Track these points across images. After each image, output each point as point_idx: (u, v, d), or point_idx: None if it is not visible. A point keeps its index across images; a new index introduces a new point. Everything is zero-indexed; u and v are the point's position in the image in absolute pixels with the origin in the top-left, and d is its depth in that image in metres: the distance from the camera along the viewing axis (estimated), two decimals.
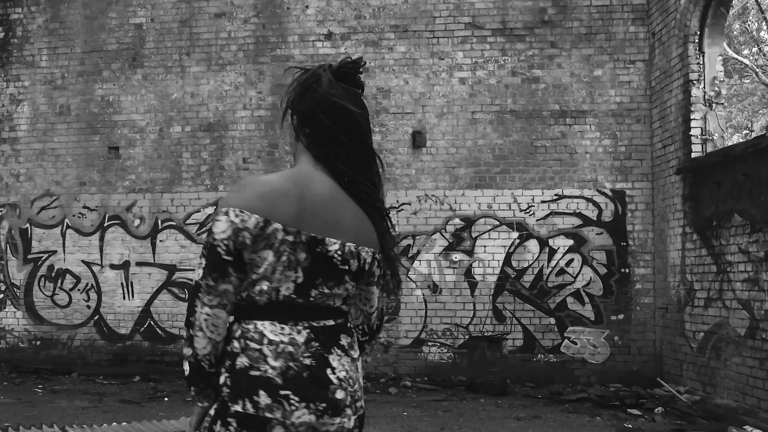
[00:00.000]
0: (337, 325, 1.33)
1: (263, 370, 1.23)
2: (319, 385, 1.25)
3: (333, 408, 1.25)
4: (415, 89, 6.95)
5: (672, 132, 6.39)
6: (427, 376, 6.70)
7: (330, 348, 1.29)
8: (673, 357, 6.29)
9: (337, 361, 1.29)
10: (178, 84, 7.18)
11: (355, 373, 1.32)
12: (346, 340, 1.33)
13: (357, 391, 1.32)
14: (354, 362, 1.33)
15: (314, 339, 1.27)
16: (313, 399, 1.24)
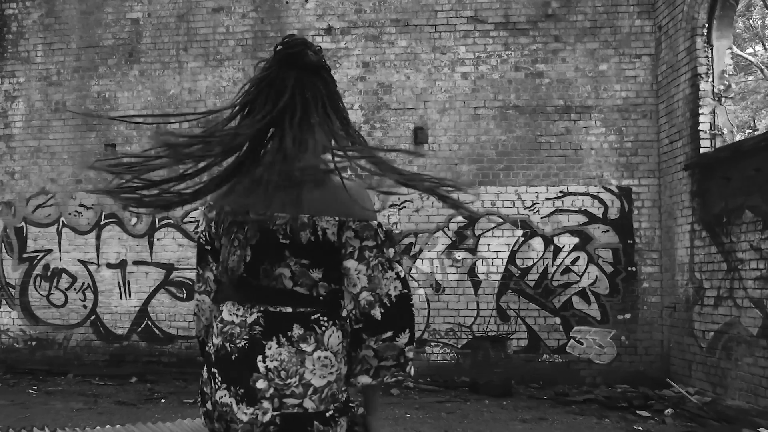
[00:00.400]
0: (294, 314, 1.23)
1: (209, 347, 1.29)
2: (242, 370, 1.20)
3: (249, 396, 1.18)
4: (417, 84, 6.82)
5: (679, 127, 6.25)
6: (430, 377, 6.56)
7: (271, 335, 1.21)
8: (681, 357, 6.15)
9: (274, 348, 1.20)
10: (176, 80, 7.05)
11: (295, 366, 1.19)
12: (299, 332, 1.22)
13: (290, 387, 1.18)
14: (300, 355, 1.20)
15: (260, 323, 1.22)
16: (234, 382, 1.20)
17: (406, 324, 1.23)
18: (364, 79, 6.86)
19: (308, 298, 1.24)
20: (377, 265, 1.23)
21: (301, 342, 1.21)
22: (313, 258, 1.23)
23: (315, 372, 1.20)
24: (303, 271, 1.23)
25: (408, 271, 6.69)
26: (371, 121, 6.82)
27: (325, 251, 1.22)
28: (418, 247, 6.72)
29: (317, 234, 1.21)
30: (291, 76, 1.29)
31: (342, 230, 1.23)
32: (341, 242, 1.23)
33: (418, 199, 6.76)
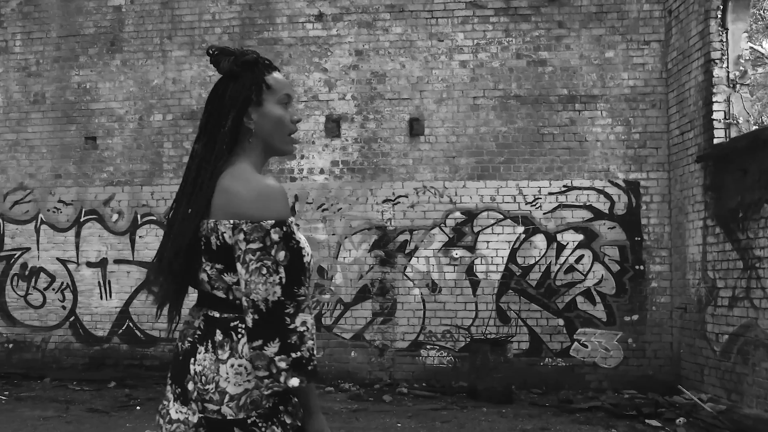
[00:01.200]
0: (219, 319, 1.26)
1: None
2: (180, 370, 1.27)
3: (183, 396, 1.25)
4: (413, 73, 6.46)
5: (691, 117, 5.88)
6: (426, 382, 6.21)
7: (204, 340, 1.26)
8: (692, 361, 5.78)
9: (202, 354, 1.25)
10: (159, 69, 6.72)
11: (212, 373, 1.23)
12: (219, 338, 1.25)
13: (209, 392, 1.22)
14: (217, 363, 1.23)
15: (200, 327, 1.27)
16: (175, 380, 1.28)
17: (277, 333, 1.17)
18: (357, 67, 6.51)
19: (227, 303, 1.26)
20: (258, 268, 1.18)
21: (218, 349, 1.24)
22: (225, 262, 1.23)
23: (229, 380, 1.22)
24: (218, 276, 1.25)
25: (403, 270, 6.35)
26: (364, 112, 6.48)
27: (231, 255, 1.23)
28: (414, 244, 6.37)
29: (219, 239, 1.22)
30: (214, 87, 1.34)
31: (234, 233, 1.21)
32: (233, 245, 1.21)
33: (414, 194, 6.41)
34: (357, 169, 6.46)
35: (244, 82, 1.29)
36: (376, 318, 6.33)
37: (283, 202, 1.22)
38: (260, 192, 1.21)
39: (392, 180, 6.41)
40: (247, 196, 1.20)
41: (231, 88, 1.29)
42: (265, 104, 1.30)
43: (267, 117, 1.31)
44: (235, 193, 1.21)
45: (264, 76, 1.31)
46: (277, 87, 1.32)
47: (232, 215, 1.20)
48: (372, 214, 6.39)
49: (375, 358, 6.32)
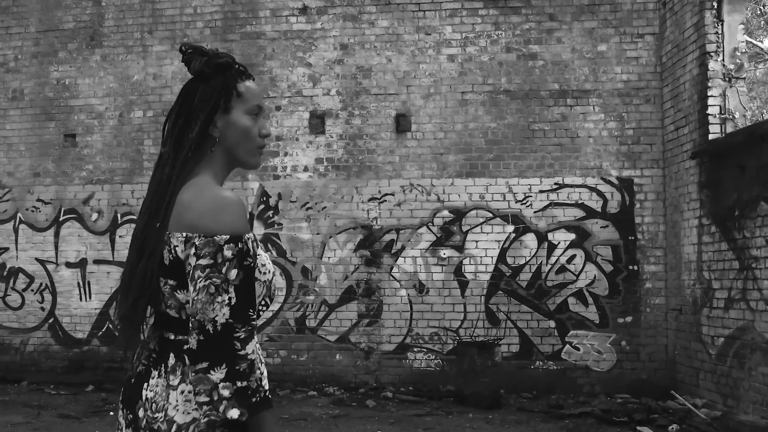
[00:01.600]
0: (173, 341, 1.16)
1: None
2: (131, 395, 1.18)
3: (134, 424, 1.17)
4: (399, 68, 6.28)
5: (686, 112, 5.68)
6: (413, 386, 6.03)
7: (158, 364, 1.17)
8: (687, 365, 5.59)
9: (155, 379, 1.16)
10: (140, 65, 6.55)
11: (162, 401, 1.14)
12: (171, 362, 1.15)
13: (156, 421, 1.13)
14: (168, 389, 1.14)
15: (155, 349, 1.19)
16: (127, 405, 1.19)
17: (225, 358, 1.06)
18: (342, 62, 6.33)
19: (180, 323, 1.16)
20: (206, 286, 1.08)
21: (171, 374, 1.15)
22: (178, 279, 1.13)
23: (178, 408, 1.12)
24: (170, 293, 1.15)
25: (389, 270, 6.16)
26: (349, 108, 6.29)
27: (183, 271, 1.12)
28: (400, 244, 6.19)
29: (171, 252, 1.12)
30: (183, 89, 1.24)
31: (186, 247, 1.11)
32: (184, 260, 1.11)
33: (400, 192, 6.23)
34: (342, 167, 6.28)
35: (214, 85, 1.20)
36: (362, 320, 6.16)
37: (241, 215, 1.12)
38: (215, 204, 1.11)
39: (378, 178, 6.23)
40: (201, 208, 1.11)
41: (200, 91, 1.20)
42: (233, 112, 1.21)
43: (233, 126, 1.21)
44: (189, 205, 1.12)
45: (236, 83, 1.21)
46: (248, 96, 1.23)
47: (185, 227, 1.11)
48: (357, 213, 6.21)
49: (360, 361, 6.14)
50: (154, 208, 1.14)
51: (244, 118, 1.21)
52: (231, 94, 1.20)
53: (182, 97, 1.22)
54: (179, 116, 1.20)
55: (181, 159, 1.16)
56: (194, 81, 1.22)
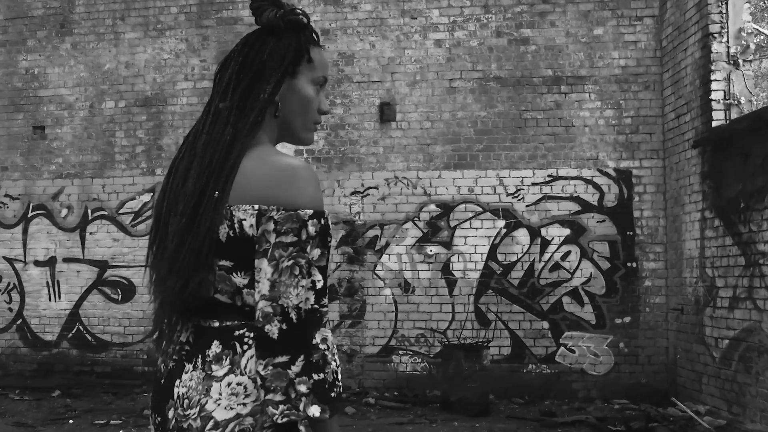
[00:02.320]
0: (219, 328, 1.00)
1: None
2: (161, 395, 1.03)
3: (163, 426, 1.01)
4: (383, 54, 5.94)
5: (687, 98, 5.32)
6: (398, 391, 5.70)
7: (194, 356, 1.00)
8: (689, 368, 5.23)
9: (189, 372, 0.99)
10: (111, 53, 6.23)
11: (198, 395, 0.96)
12: (216, 350, 0.98)
13: (188, 418, 0.95)
14: (208, 380, 0.97)
15: (189, 341, 1.02)
16: (155, 409, 1.04)
17: (303, 349, 0.92)
18: (324, 48, 5.98)
19: (231, 309, 1.00)
20: (290, 267, 0.93)
21: (214, 363, 0.98)
22: (236, 258, 0.97)
23: (219, 402, 0.95)
24: (223, 275, 0.99)
25: (373, 268, 5.83)
26: (331, 96, 5.96)
27: (248, 249, 0.96)
28: (385, 240, 5.85)
29: (234, 228, 0.96)
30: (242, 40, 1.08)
31: (260, 221, 0.95)
32: (259, 236, 0.95)
33: (384, 185, 5.89)
34: (323, 159, 5.95)
35: (288, 43, 1.06)
36: (344, 321, 5.82)
37: (319, 188, 0.99)
38: (292, 172, 0.97)
39: (361, 170, 5.90)
40: (275, 177, 0.96)
41: (272, 46, 1.05)
42: (300, 78, 1.07)
43: (297, 94, 1.07)
44: (258, 172, 0.97)
45: (309, 46, 1.08)
46: (318, 64, 1.10)
47: (254, 199, 0.96)
48: (339, 208, 5.88)
49: (343, 365, 5.81)
50: (211, 172, 0.97)
51: (309, 87, 1.09)
52: (302, 58, 1.07)
53: (247, 48, 1.06)
54: (244, 70, 1.04)
55: (250, 120, 1.01)
56: (262, 34, 1.07)
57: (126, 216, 6.11)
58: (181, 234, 0.98)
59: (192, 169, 1.00)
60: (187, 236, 0.97)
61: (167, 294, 1.00)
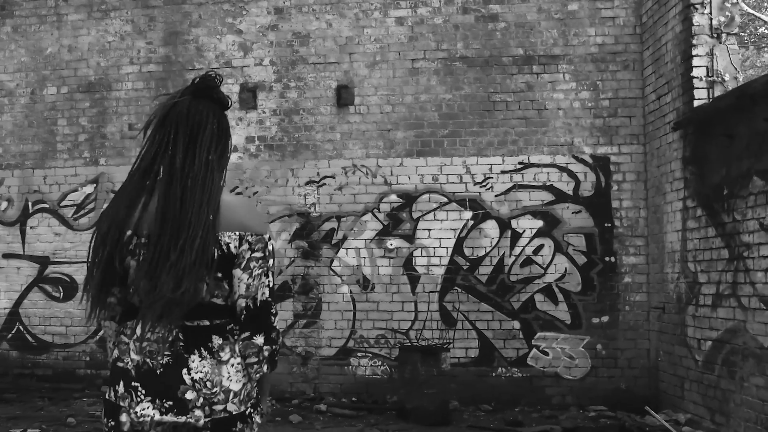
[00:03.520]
0: (212, 326, 1.36)
1: (125, 362, 1.36)
2: (170, 384, 1.31)
3: (179, 407, 1.30)
4: (341, 33, 5.52)
5: (669, 77, 4.86)
6: (357, 396, 5.27)
7: (194, 348, 1.34)
8: (671, 372, 4.76)
9: (197, 362, 1.33)
10: (54, 36, 5.86)
11: (216, 376, 1.33)
12: (218, 343, 1.35)
13: (216, 395, 1.33)
14: (219, 365, 1.34)
15: (180, 338, 1.34)
16: (160, 395, 1.31)
17: (263, 327, 1.37)
18: (277, 28, 5.58)
19: (223, 309, 1.37)
20: (260, 274, 1.37)
21: (220, 352, 1.35)
22: (223, 271, 1.35)
23: (231, 378, 1.34)
24: (216, 284, 1.35)
25: (329, 264, 5.40)
26: (285, 79, 5.54)
27: (230, 264, 1.36)
28: (342, 233, 5.42)
29: (222, 249, 1.35)
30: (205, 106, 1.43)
31: (241, 243, 1.36)
32: (238, 254, 1.36)
33: (342, 174, 5.46)
34: (276, 146, 5.53)
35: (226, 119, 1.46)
36: (298, 320, 5.40)
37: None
38: (253, 208, 1.48)
39: (317, 158, 5.48)
40: (246, 211, 1.40)
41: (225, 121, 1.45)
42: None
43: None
44: (235, 209, 1.38)
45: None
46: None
47: (236, 227, 1.36)
48: (293, 198, 5.46)
49: (297, 368, 5.39)
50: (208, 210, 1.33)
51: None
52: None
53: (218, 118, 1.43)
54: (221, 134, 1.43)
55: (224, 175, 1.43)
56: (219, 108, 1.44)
57: (68, 209, 5.73)
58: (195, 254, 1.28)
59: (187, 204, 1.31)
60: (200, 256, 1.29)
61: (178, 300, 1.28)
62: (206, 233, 1.30)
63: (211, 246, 1.30)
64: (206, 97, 1.41)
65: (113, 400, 1.34)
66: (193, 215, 1.30)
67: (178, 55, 5.66)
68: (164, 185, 1.33)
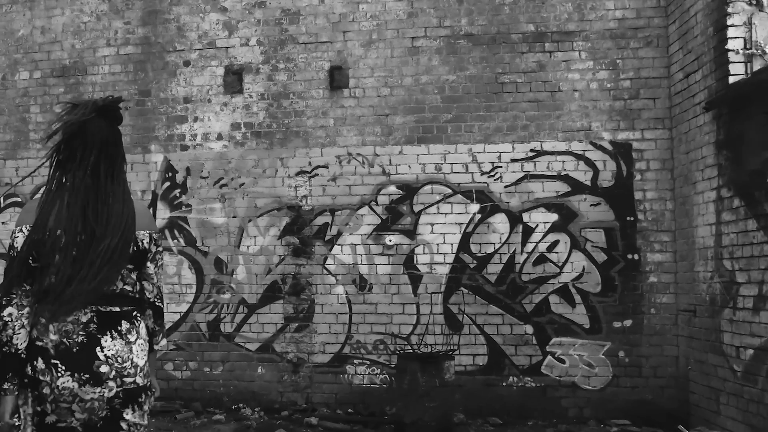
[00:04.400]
0: (121, 312, 1.68)
1: (44, 342, 1.61)
2: (85, 359, 1.59)
3: (95, 379, 1.59)
4: (333, 9, 5.05)
5: (698, 52, 4.34)
6: (353, 407, 4.80)
7: (106, 330, 1.63)
8: (704, 383, 4.24)
9: (109, 341, 1.63)
10: (26, 17, 5.44)
11: (127, 354, 1.64)
12: (126, 326, 1.67)
13: (127, 369, 1.63)
14: (128, 345, 1.66)
15: (94, 321, 1.63)
16: (78, 369, 1.58)
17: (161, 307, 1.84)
18: (264, 5, 5.12)
19: (131, 298, 1.71)
20: (160, 265, 1.80)
21: (128, 334, 1.67)
22: (134, 264, 1.71)
23: (138, 355, 1.67)
24: (128, 274, 1.71)
25: (322, 262, 4.93)
26: (273, 61, 5.08)
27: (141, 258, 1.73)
28: (336, 228, 4.95)
29: (138, 244, 1.71)
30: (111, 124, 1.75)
31: (151, 240, 1.75)
32: (149, 248, 1.75)
33: (336, 163, 4.99)
34: (264, 133, 5.07)
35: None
36: (289, 324, 4.94)
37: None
38: (149, 212, 1.83)
39: (308, 146, 5.01)
40: (148, 214, 1.78)
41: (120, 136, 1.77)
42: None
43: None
44: (143, 212, 1.75)
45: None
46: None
47: (146, 227, 1.73)
48: (282, 190, 5.00)
49: (288, 376, 4.92)
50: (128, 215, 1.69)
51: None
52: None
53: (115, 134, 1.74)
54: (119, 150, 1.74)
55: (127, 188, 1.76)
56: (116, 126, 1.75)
57: None
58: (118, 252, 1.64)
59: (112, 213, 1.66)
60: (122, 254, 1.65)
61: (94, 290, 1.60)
62: (129, 235, 1.66)
63: (130, 243, 1.67)
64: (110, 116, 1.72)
65: (32, 375, 1.58)
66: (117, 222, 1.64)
67: (158, 36, 5.22)
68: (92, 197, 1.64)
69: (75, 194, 1.62)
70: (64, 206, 1.60)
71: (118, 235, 1.61)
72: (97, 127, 1.66)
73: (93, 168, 1.64)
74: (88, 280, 1.56)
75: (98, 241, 1.59)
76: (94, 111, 1.66)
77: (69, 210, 1.60)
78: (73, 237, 1.58)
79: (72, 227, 1.59)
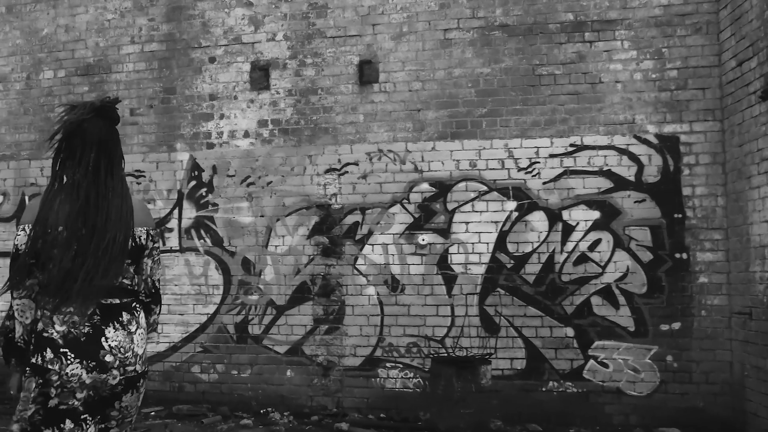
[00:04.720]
0: (122, 304, 1.78)
1: (50, 333, 1.69)
2: (92, 348, 1.70)
3: (101, 367, 1.70)
4: (362, 2, 4.88)
5: (753, 37, 4.07)
6: (385, 412, 4.62)
7: (109, 321, 1.74)
8: (762, 391, 3.97)
9: (112, 332, 1.74)
10: (50, 15, 5.37)
11: (129, 344, 1.76)
12: (127, 318, 1.78)
13: (129, 358, 1.75)
14: (129, 335, 1.77)
15: (97, 313, 1.72)
16: (86, 357, 1.69)
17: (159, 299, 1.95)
18: None
19: (130, 291, 1.81)
20: (158, 260, 1.89)
21: (129, 325, 1.78)
22: (132, 259, 1.80)
23: (139, 345, 1.79)
24: (126, 268, 1.79)
25: (353, 262, 4.77)
26: (300, 56, 4.93)
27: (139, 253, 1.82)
28: (367, 227, 4.78)
29: (135, 240, 1.79)
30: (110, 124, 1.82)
31: (148, 237, 1.84)
32: (146, 245, 1.84)
33: (366, 160, 4.82)
34: (291, 130, 4.92)
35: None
36: (319, 326, 4.79)
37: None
38: (147, 209, 1.90)
39: (337, 143, 4.85)
40: (147, 212, 1.86)
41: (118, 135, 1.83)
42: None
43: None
44: (141, 210, 1.83)
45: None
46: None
47: (144, 224, 1.82)
48: (311, 189, 4.84)
49: (318, 380, 4.76)
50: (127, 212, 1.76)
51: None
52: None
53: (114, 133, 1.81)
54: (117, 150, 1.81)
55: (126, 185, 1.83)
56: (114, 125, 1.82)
57: None
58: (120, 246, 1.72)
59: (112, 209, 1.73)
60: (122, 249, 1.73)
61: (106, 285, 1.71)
62: (128, 230, 1.75)
63: (129, 240, 1.75)
64: (107, 117, 1.78)
65: (40, 364, 1.66)
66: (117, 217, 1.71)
67: (183, 32, 5.11)
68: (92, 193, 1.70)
69: (76, 191, 1.68)
70: (65, 202, 1.66)
71: (121, 230, 1.71)
72: (95, 126, 1.73)
73: (93, 165, 1.70)
74: (99, 277, 1.65)
75: (99, 236, 1.66)
76: (92, 111, 1.74)
77: (70, 206, 1.66)
78: (74, 232, 1.64)
79: (73, 222, 1.65)
